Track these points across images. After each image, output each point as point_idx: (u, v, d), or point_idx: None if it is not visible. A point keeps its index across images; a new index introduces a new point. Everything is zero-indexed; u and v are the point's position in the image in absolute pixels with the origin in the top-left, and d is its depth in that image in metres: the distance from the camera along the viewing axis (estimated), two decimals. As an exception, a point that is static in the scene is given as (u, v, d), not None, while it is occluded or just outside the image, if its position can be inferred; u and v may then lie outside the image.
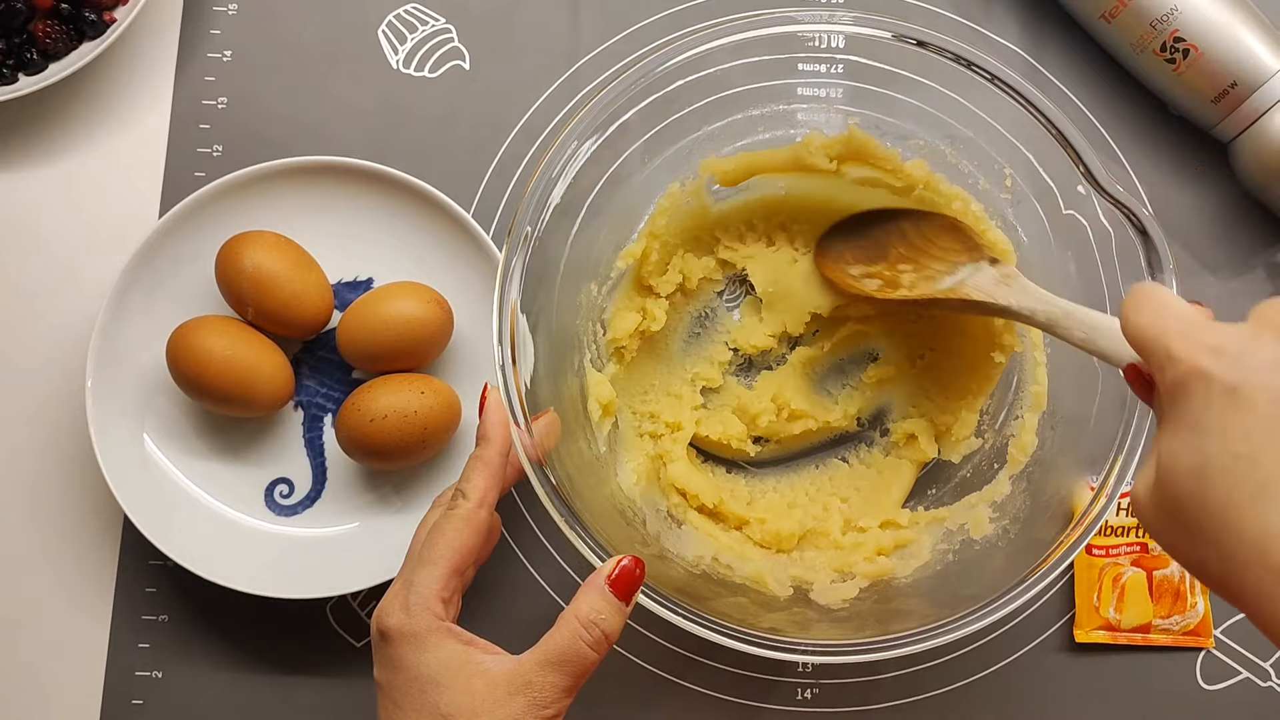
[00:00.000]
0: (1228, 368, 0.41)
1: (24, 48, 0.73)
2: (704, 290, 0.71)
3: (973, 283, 0.61)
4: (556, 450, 0.58)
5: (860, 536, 0.66)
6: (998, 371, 0.67)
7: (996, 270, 0.61)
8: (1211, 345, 0.42)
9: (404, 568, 0.55)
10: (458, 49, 0.77)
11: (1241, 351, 0.42)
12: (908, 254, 0.64)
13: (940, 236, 0.64)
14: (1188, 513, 0.41)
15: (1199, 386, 0.42)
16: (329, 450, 0.71)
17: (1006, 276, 0.60)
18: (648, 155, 0.65)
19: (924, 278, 0.63)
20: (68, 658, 0.71)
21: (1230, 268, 0.74)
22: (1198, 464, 0.41)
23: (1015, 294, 0.60)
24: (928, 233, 0.65)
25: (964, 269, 0.62)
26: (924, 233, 0.65)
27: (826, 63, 0.64)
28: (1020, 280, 0.60)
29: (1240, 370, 0.41)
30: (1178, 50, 0.70)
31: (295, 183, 0.71)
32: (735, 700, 0.70)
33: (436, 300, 0.68)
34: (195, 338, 0.67)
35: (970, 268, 0.62)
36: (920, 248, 0.64)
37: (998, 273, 0.61)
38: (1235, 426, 0.40)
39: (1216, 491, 0.40)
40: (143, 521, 0.67)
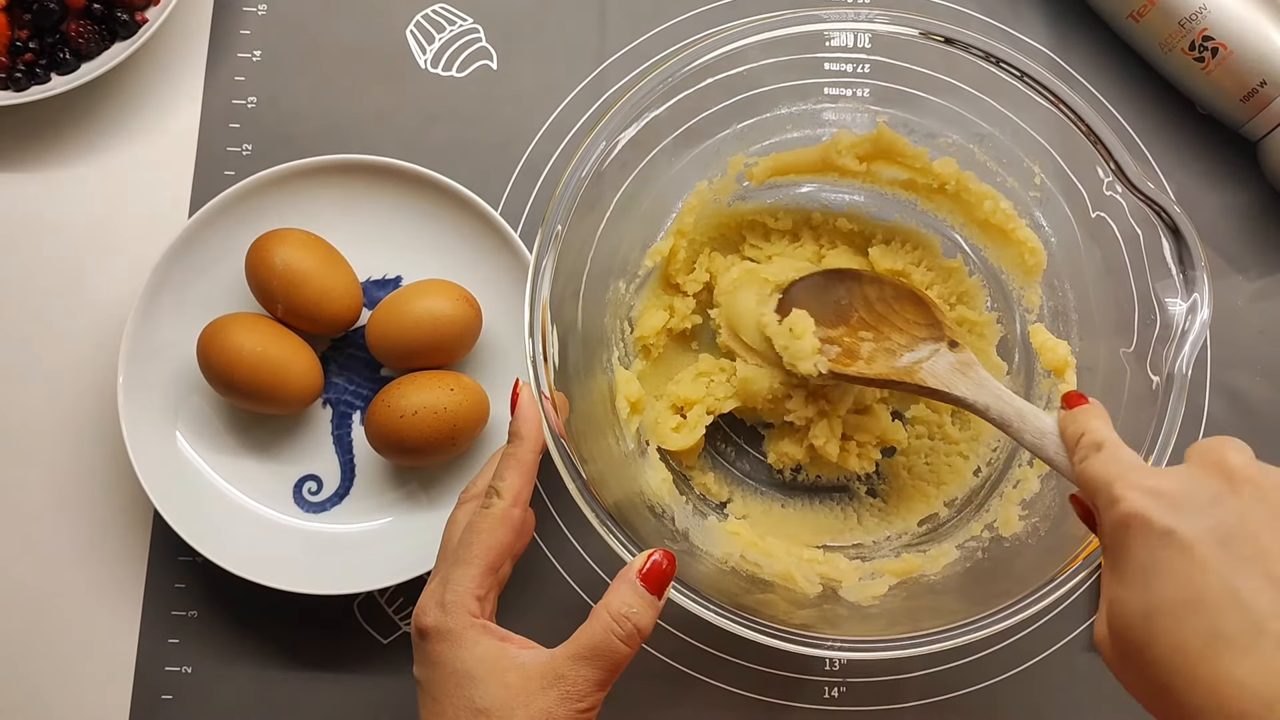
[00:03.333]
0: (1165, 510, 0.42)
1: (56, 47, 0.74)
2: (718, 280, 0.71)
3: (930, 367, 0.60)
4: (586, 447, 0.58)
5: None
6: None
7: (955, 356, 0.60)
8: (1149, 487, 0.43)
9: (439, 566, 0.56)
10: (485, 49, 0.77)
11: (1178, 493, 0.42)
12: (869, 320, 0.64)
13: (904, 307, 0.64)
14: (1142, 661, 0.41)
15: (1139, 530, 0.42)
16: (357, 447, 0.72)
17: (965, 365, 0.60)
18: (675, 154, 0.65)
19: (883, 349, 0.62)
20: (98, 652, 0.71)
21: (1259, 268, 0.74)
22: (1144, 612, 0.41)
23: (971, 386, 0.59)
24: (891, 301, 0.64)
25: (924, 346, 0.61)
26: (888, 301, 0.64)
27: (853, 62, 0.64)
28: (977, 370, 0.59)
29: (1177, 513, 0.42)
30: (1206, 49, 0.70)
31: (324, 181, 0.71)
32: (762, 698, 0.70)
33: (465, 298, 0.69)
34: (225, 335, 0.68)
35: (929, 347, 0.61)
36: (882, 315, 0.64)
37: (956, 359, 0.60)
38: (1177, 572, 0.41)
39: (1166, 639, 0.40)
40: (173, 517, 0.67)
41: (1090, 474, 0.47)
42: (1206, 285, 0.57)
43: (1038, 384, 0.67)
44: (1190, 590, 0.40)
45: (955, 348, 0.61)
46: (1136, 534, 0.42)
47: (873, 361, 0.62)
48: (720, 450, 0.71)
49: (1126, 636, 0.42)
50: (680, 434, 0.67)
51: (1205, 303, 0.57)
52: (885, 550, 0.67)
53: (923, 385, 0.60)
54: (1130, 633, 0.42)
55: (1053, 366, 0.65)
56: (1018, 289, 0.68)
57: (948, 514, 0.68)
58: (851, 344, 0.63)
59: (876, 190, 0.69)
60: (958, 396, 0.59)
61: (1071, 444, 0.50)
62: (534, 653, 0.52)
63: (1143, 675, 0.42)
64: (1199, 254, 0.57)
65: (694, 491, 0.69)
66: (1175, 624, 0.40)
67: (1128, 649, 0.42)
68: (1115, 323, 0.61)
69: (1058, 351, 0.65)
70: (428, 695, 0.53)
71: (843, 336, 0.63)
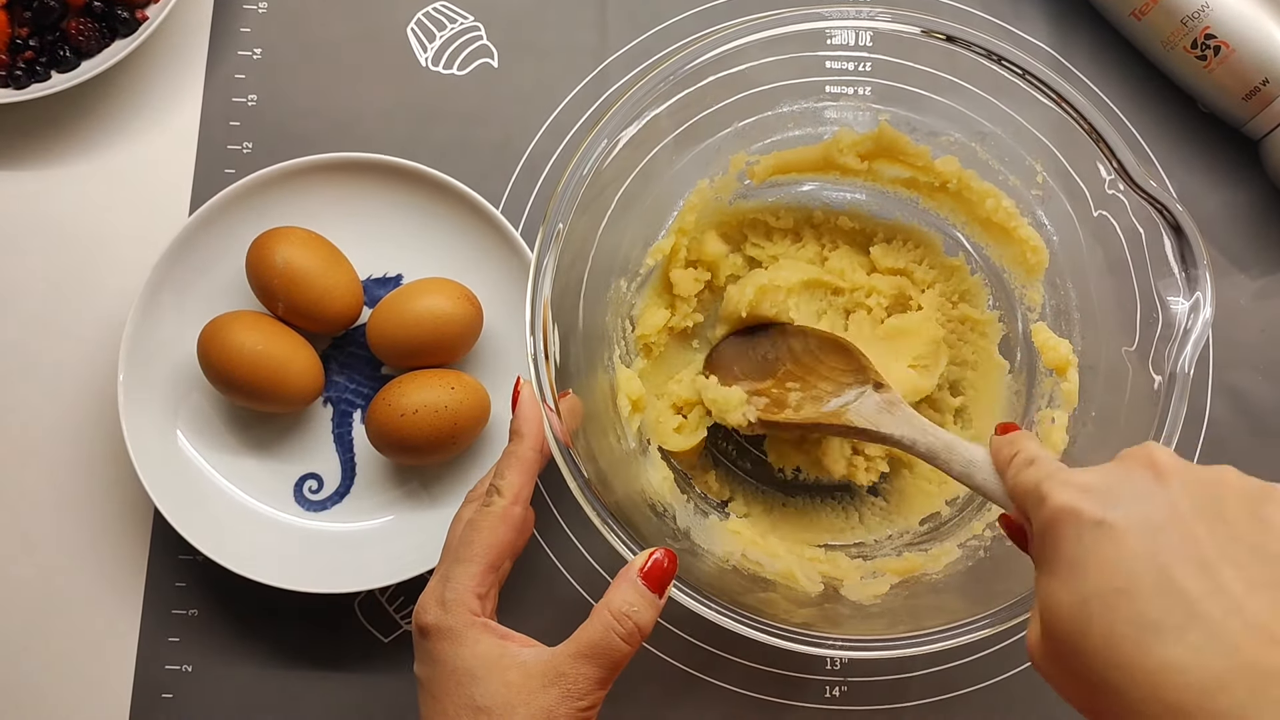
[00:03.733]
0: (1095, 502, 0.42)
1: (57, 45, 0.74)
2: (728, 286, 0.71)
3: (856, 409, 0.61)
4: (587, 446, 0.58)
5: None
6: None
7: (881, 396, 0.61)
8: (1078, 483, 0.43)
9: (441, 564, 0.56)
10: (486, 47, 0.77)
11: (1109, 486, 0.42)
12: (796, 371, 0.64)
13: (828, 356, 0.64)
14: (1076, 656, 0.41)
15: (1069, 523, 0.42)
16: (358, 446, 0.71)
17: (890, 404, 0.60)
18: (677, 152, 0.65)
19: (811, 398, 0.63)
20: (98, 651, 0.71)
21: (1261, 266, 0.74)
22: (1076, 603, 0.41)
23: (897, 423, 0.59)
24: (816, 351, 0.65)
25: (850, 391, 0.62)
26: (812, 351, 0.65)
27: (855, 60, 0.64)
28: (903, 408, 0.60)
29: (1108, 504, 0.42)
30: (1208, 47, 0.70)
31: (325, 179, 0.71)
32: (763, 698, 0.70)
33: (466, 296, 0.69)
34: (226, 333, 0.67)
35: (856, 390, 0.61)
36: (809, 365, 0.64)
37: (882, 399, 0.60)
38: (1108, 560, 0.40)
39: (1098, 629, 0.40)
40: (174, 515, 0.67)
41: (1021, 482, 0.47)
42: (1209, 284, 0.57)
43: (1039, 383, 0.67)
44: (1121, 578, 0.40)
45: (880, 389, 0.61)
46: (1066, 526, 0.42)
47: (800, 409, 0.63)
48: (721, 449, 0.71)
49: (1059, 630, 0.41)
50: (682, 434, 0.67)
51: (1208, 301, 0.57)
52: (887, 549, 0.67)
53: (850, 425, 0.61)
54: (1062, 625, 0.41)
55: (1054, 365, 0.65)
56: (1019, 287, 0.68)
57: (950, 512, 0.68)
58: (779, 394, 0.64)
59: (878, 188, 0.69)
60: (885, 434, 0.59)
61: (1004, 464, 0.50)
62: (535, 651, 0.52)
63: (1076, 673, 0.41)
64: (1201, 252, 0.57)
65: (695, 490, 0.68)
66: (1107, 612, 0.40)
67: (1060, 646, 0.42)
68: (1117, 321, 0.61)
69: (1059, 350, 0.65)
70: (428, 693, 0.53)
71: (770, 389, 0.64)
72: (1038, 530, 0.44)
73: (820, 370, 0.63)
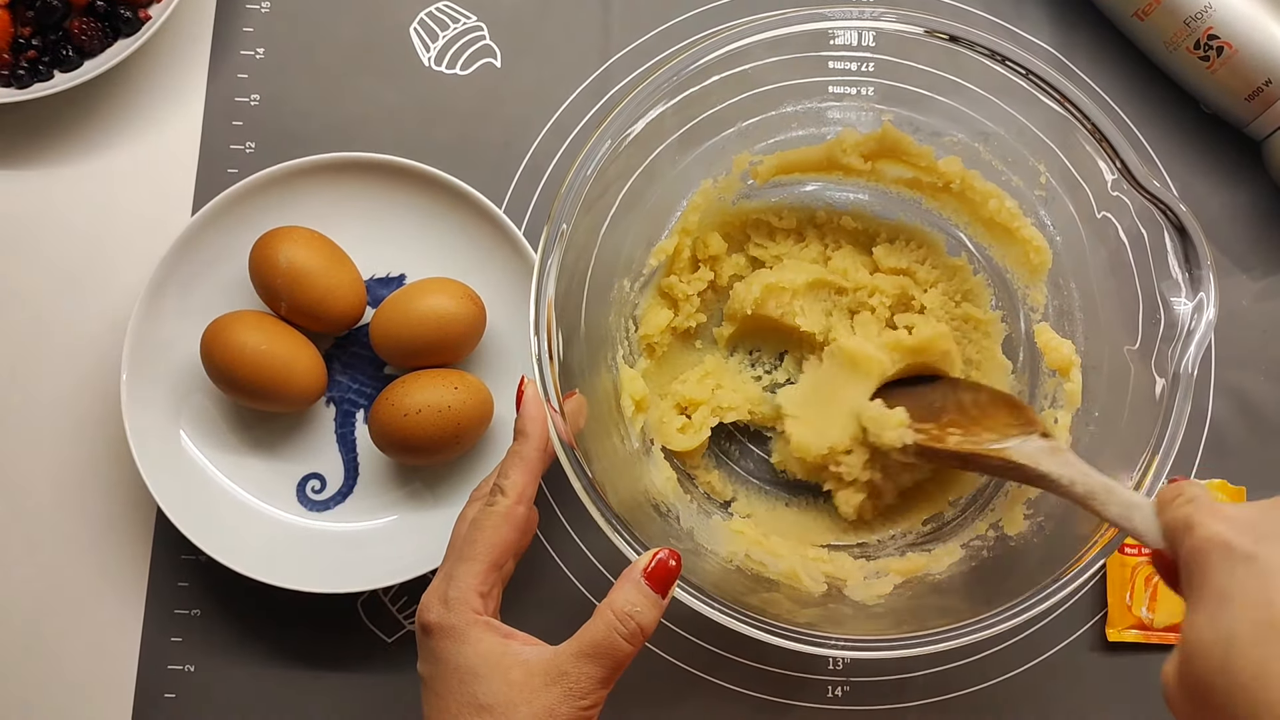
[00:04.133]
0: (1246, 534, 0.41)
1: (60, 45, 0.74)
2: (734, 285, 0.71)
3: (1018, 447, 0.59)
4: (591, 446, 0.58)
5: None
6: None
7: (1045, 442, 0.59)
8: (1230, 515, 0.43)
9: (444, 563, 0.56)
10: (489, 47, 0.77)
11: (1260, 519, 0.42)
12: (959, 420, 0.63)
13: (998, 411, 0.63)
14: (1217, 692, 0.40)
15: (1219, 555, 0.41)
16: (361, 446, 0.71)
17: (1054, 450, 0.58)
18: (680, 152, 0.65)
19: (971, 441, 0.62)
20: (101, 651, 0.71)
21: (1264, 267, 0.74)
22: (1224, 637, 0.40)
23: (1060, 465, 0.57)
24: (986, 406, 0.63)
25: (1013, 439, 0.60)
26: (982, 406, 0.64)
27: (858, 60, 0.64)
28: (1066, 454, 0.58)
29: (1259, 537, 0.41)
30: (1211, 48, 0.70)
31: (327, 179, 0.71)
32: (765, 697, 0.70)
33: (469, 296, 0.69)
34: (229, 333, 0.67)
35: (1019, 439, 0.60)
36: (974, 417, 0.63)
37: (1046, 444, 0.59)
38: (1258, 594, 0.39)
39: (1246, 664, 0.39)
40: (176, 515, 0.67)
41: (1175, 516, 0.46)
42: (1212, 285, 0.57)
43: (1043, 383, 0.67)
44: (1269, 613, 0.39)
45: (1046, 437, 0.60)
46: (1216, 557, 0.41)
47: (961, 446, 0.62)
48: (725, 449, 0.71)
49: (1203, 666, 0.40)
50: (685, 435, 0.67)
51: (1211, 302, 0.57)
52: (890, 549, 0.67)
53: (1008, 460, 0.59)
54: (1206, 661, 0.40)
55: (1057, 366, 0.65)
56: (1022, 288, 0.68)
57: (953, 513, 0.68)
58: (939, 434, 0.63)
59: (881, 189, 0.69)
60: (1043, 473, 0.57)
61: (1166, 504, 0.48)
62: (537, 650, 0.52)
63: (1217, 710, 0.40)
64: (1205, 253, 0.57)
65: (698, 490, 0.68)
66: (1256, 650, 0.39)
67: (1203, 683, 0.40)
68: (1120, 322, 0.61)
69: (1062, 351, 0.65)
70: (431, 691, 0.53)
71: (931, 429, 0.63)
72: (1185, 560, 0.43)
73: (985, 423, 0.62)
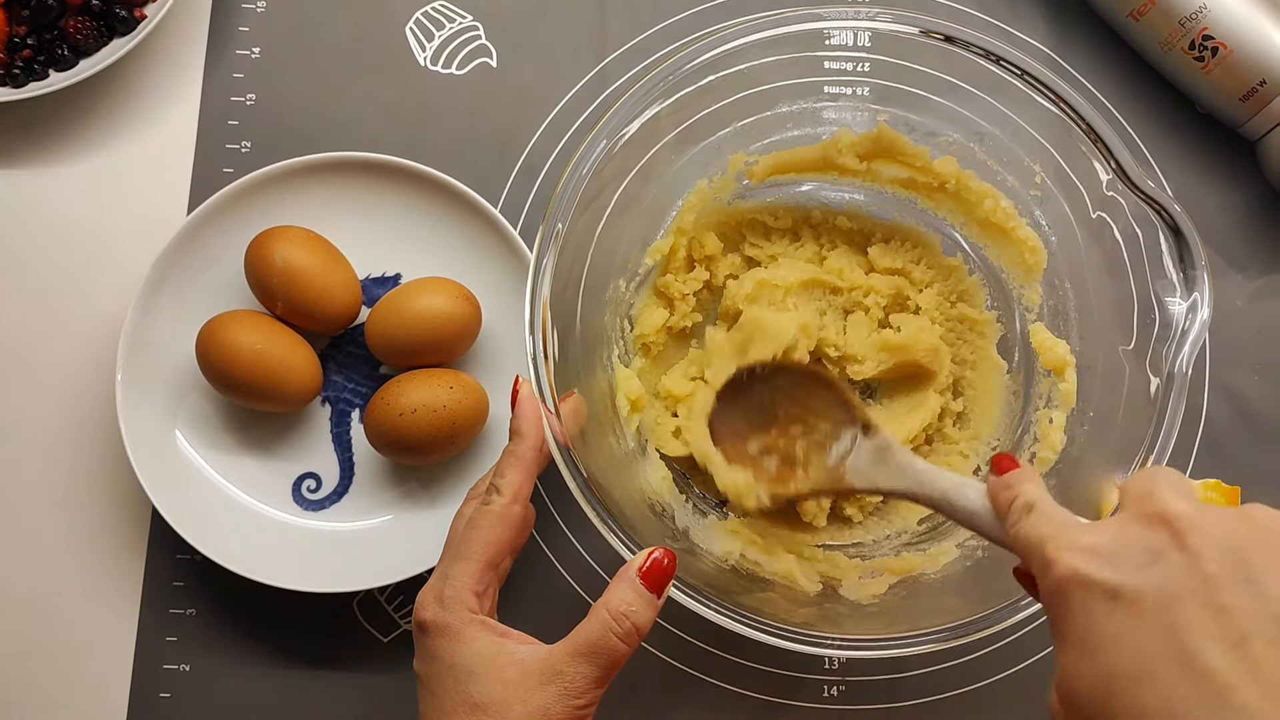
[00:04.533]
0: (1106, 568, 0.38)
1: (55, 44, 0.74)
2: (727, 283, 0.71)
3: (853, 465, 0.58)
4: (587, 446, 0.58)
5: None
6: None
7: (871, 443, 0.58)
8: (1084, 545, 0.39)
9: (440, 561, 0.56)
10: (485, 46, 0.77)
11: (1120, 548, 0.39)
12: (794, 412, 0.62)
13: (817, 390, 0.61)
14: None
15: (1079, 594, 0.39)
16: (356, 445, 0.71)
17: (880, 450, 0.57)
18: (676, 152, 0.65)
19: (815, 444, 0.60)
20: (96, 651, 0.71)
21: (1258, 267, 0.74)
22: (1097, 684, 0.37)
23: (894, 475, 0.56)
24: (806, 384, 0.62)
25: (845, 434, 0.59)
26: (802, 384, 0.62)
27: (854, 60, 0.64)
28: (896, 455, 0.57)
29: (1120, 569, 0.38)
30: (1206, 48, 0.70)
31: (323, 178, 0.71)
32: (761, 697, 0.70)
33: (465, 295, 0.69)
34: (224, 332, 0.67)
35: (849, 434, 0.59)
36: (803, 401, 0.62)
37: (873, 445, 0.58)
38: (1124, 639, 0.37)
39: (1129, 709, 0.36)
40: (171, 515, 0.67)
41: (1022, 537, 0.44)
42: (1207, 284, 0.57)
43: (1038, 383, 0.67)
44: (1141, 660, 0.36)
45: (869, 432, 0.59)
46: (1075, 597, 0.39)
47: (809, 465, 0.60)
48: (720, 449, 0.71)
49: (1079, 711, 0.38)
50: (679, 440, 0.67)
51: (1205, 302, 0.57)
52: (885, 549, 0.67)
53: (853, 487, 0.58)
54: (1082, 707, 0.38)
55: (1052, 366, 0.65)
56: (1018, 287, 0.68)
57: None
58: (787, 446, 0.61)
59: (876, 189, 0.69)
60: (886, 490, 0.57)
61: (1003, 510, 0.47)
62: (533, 649, 0.52)
63: None
64: (1199, 253, 0.57)
65: (694, 490, 0.68)
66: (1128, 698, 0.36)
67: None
68: (1115, 322, 0.61)
69: (1056, 351, 0.65)
70: (427, 689, 0.53)
71: (777, 439, 0.62)
72: (1045, 596, 0.41)
73: (815, 406, 0.62)
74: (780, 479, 0.61)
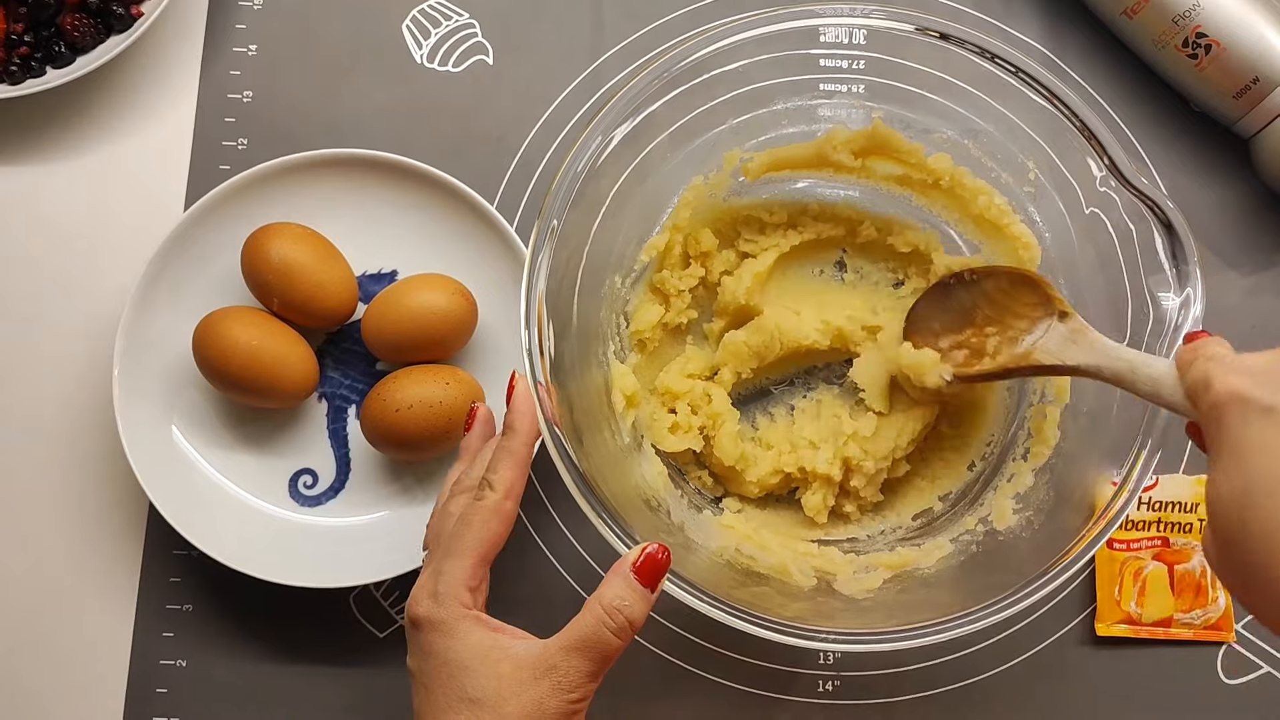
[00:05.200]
0: (1262, 386, 0.41)
1: (52, 41, 0.74)
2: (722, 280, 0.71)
3: (1043, 345, 0.61)
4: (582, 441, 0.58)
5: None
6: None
7: (1065, 326, 0.60)
8: (1246, 367, 0.42)
9: (432, 557, 0.56)
10: (481, 44, 0.77)
11: (1273, 371, 0.41)
12: (993, 315, 0.64)
13: (1020, 292, 0.64)
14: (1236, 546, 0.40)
15: (1235, 409, 0.41)
16: (353, 441, 0.72)
17: (1075, 332, 0.60)
18: (671, 149, 0.65)
19: (1008, 339, 0.63)
20: (93, 646, 0.71)
21: (1251, 264, 0.74)
22: (1240, 490, 0.40)
23: (1083, 351, 0.59)
24: (1008, 289, 0.64)
25: (1041, 325, 0.62)
26: (1004, 289, 0.65)
27: (849, 58, 0.65)
28: (1088, 335, 0.59)
29: (1274, 387, 0.41)
30: (1200, 46, 0.70)
31: (319, 176, 0.71)
32: (756, 692, 0.70)
33: (461, 292, 0.69)
34: (221, 328, 0.68)
35: (1044, 324, 0.61)
36: (1004, 305, 0.64)
37: (1067, 329, 0.60)
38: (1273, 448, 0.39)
39: (1261, 517, 0.39)
40: (168, 511, 0.67)
41: (1195, 375, 0.46)
42: (1199, 280, 0.57)
43: (1031, 380, 0.68)
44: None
45: (1064, 318, 0.61)
46: (1233, 412, 0.41)
47: (997, 355, 0.63)
48: (715, 444, 0.71)
49: (1222, 523, 0.41)
50: (676, 436, 0.67)
51: (1198, 297, 0.57)
52: (879, 544, 0.67)
53: (1040, 364, 0.61)
54: (1225, 516, 0.40)
55: None
56: (1012, 284, 0.69)
57: (942, 508, 0.68)
58: (978, 343, 0.64)
59: (871, 185, 0.70)
60: (1071, 366, 0.59)
61: (1185, 366, 0.49)
62: (526, 643, 0.52)
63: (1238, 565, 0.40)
64: (1192, 249, 0.57)
65: (689, 485, 0.69)
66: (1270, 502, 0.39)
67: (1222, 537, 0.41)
68: (1109, 317, 0.61)
69: None
70: (420, 685, 0.53)
71: (970, 338, 0.64)
72: (1204, 418, 0.43)
73: (1015, 309, 0.63)
74: (966, 364, 0.64)
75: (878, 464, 0.67)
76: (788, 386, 0.71)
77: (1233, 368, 0.43)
